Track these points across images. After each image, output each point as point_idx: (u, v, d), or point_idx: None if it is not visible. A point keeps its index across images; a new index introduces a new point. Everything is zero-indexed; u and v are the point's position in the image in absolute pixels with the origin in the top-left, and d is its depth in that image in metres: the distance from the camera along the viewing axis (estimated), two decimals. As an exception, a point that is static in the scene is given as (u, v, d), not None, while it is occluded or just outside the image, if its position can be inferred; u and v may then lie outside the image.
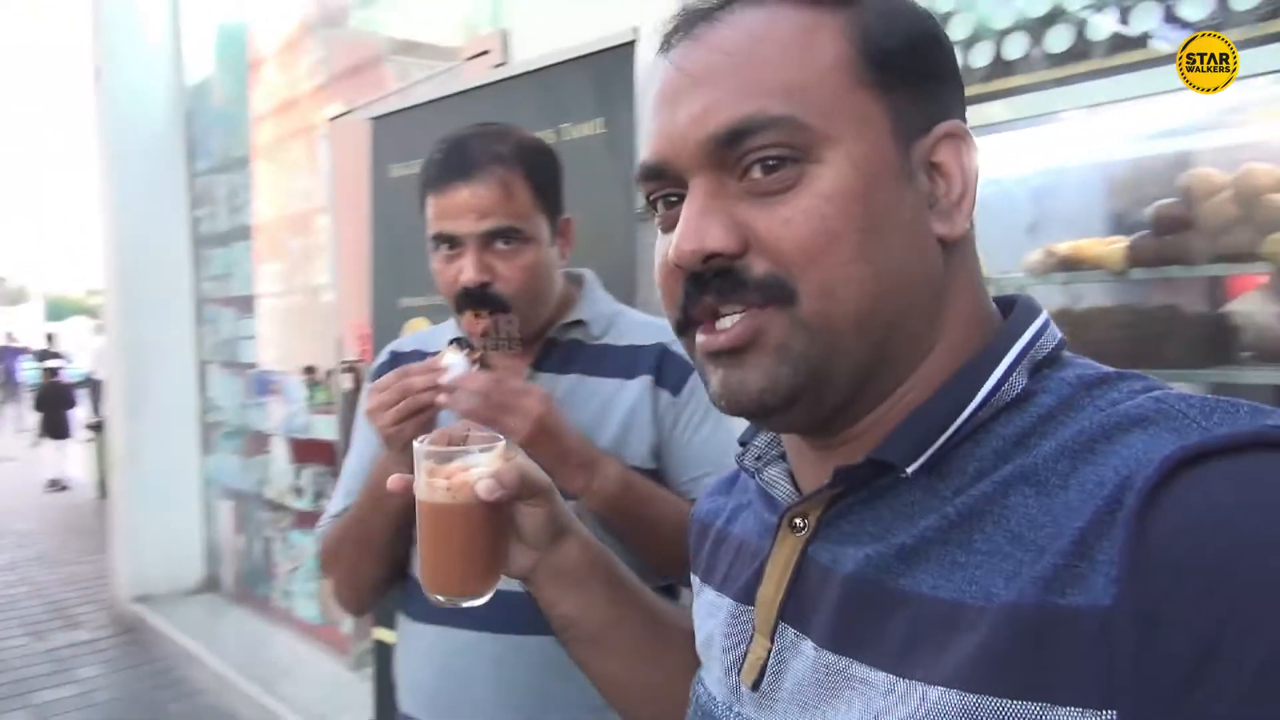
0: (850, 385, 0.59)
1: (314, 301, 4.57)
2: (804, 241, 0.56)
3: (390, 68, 4.25)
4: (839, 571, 0.59)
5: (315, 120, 4.33)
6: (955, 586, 0.53)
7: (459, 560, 0.82)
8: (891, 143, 0.58)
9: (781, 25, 0.59)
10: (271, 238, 4.97)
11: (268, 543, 5.00)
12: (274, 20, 4.88)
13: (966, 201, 0.60)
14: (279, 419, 4.78)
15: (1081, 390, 0.56)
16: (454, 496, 0.79)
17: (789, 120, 0.56)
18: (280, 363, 4.87)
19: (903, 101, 0.59)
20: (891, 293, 0.58)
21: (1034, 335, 0.60)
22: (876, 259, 0.57)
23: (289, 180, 4.76)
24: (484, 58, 2.89)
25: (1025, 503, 0.52)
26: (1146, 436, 0.50)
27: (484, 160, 1.36)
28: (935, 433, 0.57)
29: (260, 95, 5.01)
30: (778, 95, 0.57)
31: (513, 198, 1.35)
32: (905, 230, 0.58)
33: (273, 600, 4.96)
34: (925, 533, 0.55)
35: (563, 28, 2.45)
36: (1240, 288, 2.34)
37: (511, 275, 1.35)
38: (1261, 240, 1.92)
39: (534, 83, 2.38)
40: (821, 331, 0.57)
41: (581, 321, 1.44)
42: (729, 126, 0.57)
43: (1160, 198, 2.16)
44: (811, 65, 0.58)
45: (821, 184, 0.56)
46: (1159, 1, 1.97)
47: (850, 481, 0.60)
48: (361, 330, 3.67)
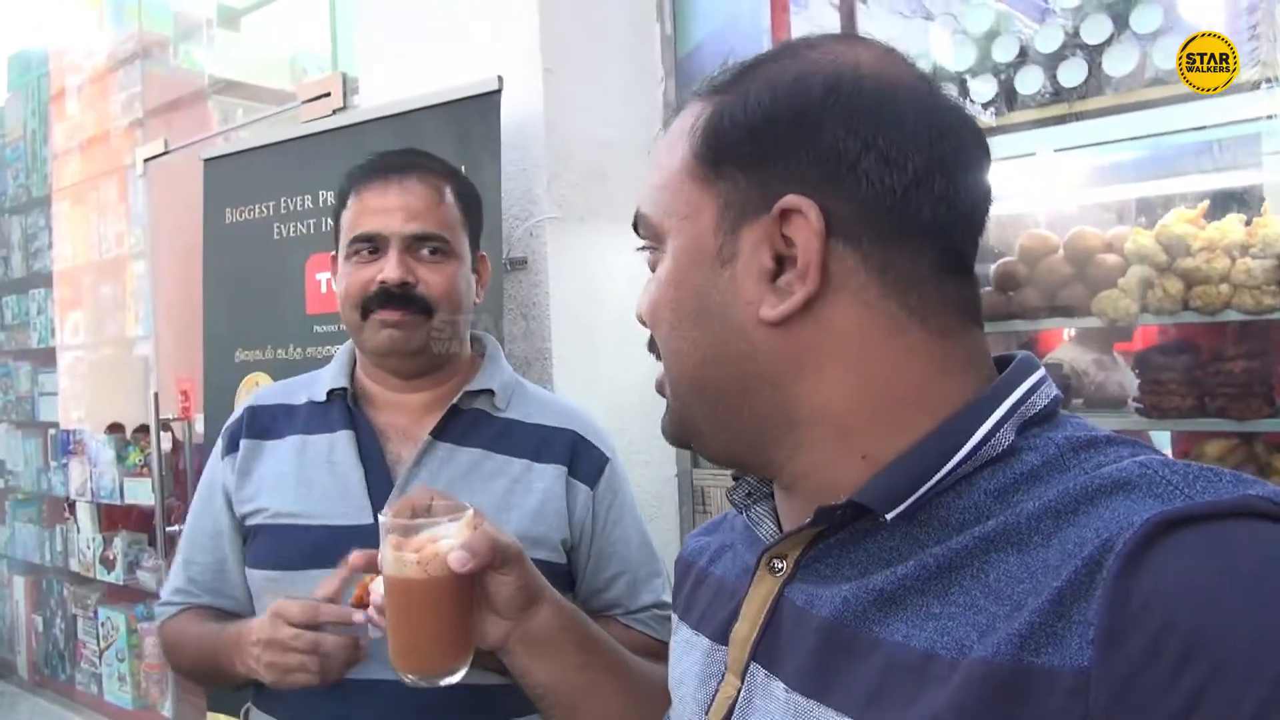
0: (721, 442, 0.67)
1: (126, 355, 4.22)
2: (645, 313, 0.69)
3: (213, 107, 4.03)
4: (815, 613, 0.60)
5: (128, 159, 4.03)
6: (927, 637, 0.53)
7: (433, 636, 0.80)
8: (712, 229, 0.64)
9: (675, 128, 0.67)
10: (76, 285, 4.57)
11: (71, 621, 4.53)
12: (81, 50, 4.53)
13: (810, 275, 0.59)
14: (83, 483, 4.36)
15: (1069, 451, 0.57)
16: (425, 570, 0.78)
17: (642, 217, 0.69)
18: (86, 421, 4.46)
19: (733, 187, 0.63)
20: (714, 364, 0.64)
21: (1025, 392, 0.60)
22: (688, 336, 0.65)
23: (98, 223, 4.40)
24: (324, 100, 2.80)
25: (1005, 560, 0.52)
26: (1129, 501, 0.50)
27: (417, 165, 1.33)
28: (917, 481, 0.57)
29: (63, 130, 4.62)
30: (647, 195, 0.69)
31: (443, 206, 1.32)
32: (716, 312, 0.64)
33: (77, 684, 4.50)
34: (903, 580, 0.56)
35: (418, 74, 2.39)
36: (1047, 342, 2.53)
37: (435, 281, 1.29)
38: (1092, 297, 2.07)
39: (387, 129, 2.30)
40: (673, 389, 0.68)
41: (489, 390, 1.37)
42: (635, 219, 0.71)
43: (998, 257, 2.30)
44: (668, 168, 0.67)
45: (660, 268, 0.67)
46: (952, 83, 2.12)
47: (829, 523, 0.61)
48: (185, 385, 3.43)
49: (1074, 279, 2.11)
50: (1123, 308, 1.98)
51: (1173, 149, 2.16)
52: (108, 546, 4.24)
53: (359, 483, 1.29)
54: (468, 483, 1.28)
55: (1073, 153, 2.12)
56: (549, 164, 2.18)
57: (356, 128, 2.39)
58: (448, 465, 1.30)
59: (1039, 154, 2.14)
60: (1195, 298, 1.91)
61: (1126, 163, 2.26)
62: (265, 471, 1.36)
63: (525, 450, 1.34)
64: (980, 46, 2.13)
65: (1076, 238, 2.13)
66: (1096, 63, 1.97)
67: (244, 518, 1.35)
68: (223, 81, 4.06)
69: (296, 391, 1.41)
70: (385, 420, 1.35)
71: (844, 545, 0.61)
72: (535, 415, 1.38)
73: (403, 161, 1.33)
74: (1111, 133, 2.01)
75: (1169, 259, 1.95)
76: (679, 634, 0.79)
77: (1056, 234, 2.19)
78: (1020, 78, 2.07)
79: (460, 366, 1.38)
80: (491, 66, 2.19)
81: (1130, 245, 2.00)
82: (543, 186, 2.18)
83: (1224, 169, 2.16)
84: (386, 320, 1.28)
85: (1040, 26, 2.07)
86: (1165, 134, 2.02)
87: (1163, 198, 2.27)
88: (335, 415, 1.35)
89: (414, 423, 1.34)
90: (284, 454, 1.36)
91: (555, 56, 2.20)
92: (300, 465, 1.34)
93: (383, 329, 1.29)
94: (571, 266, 2.20)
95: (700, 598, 0.77)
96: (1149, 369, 2.00)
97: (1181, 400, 1.92)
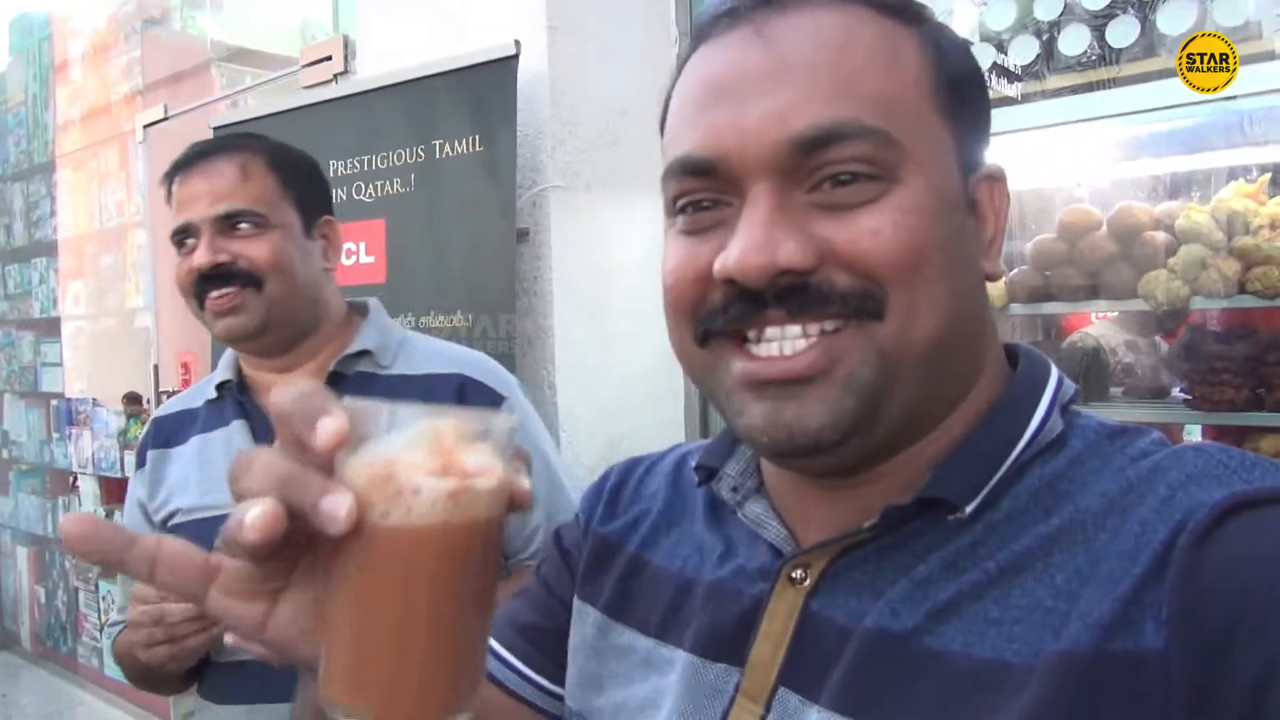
0: (901, 421, 0.56)
1: (127, 325, 4.15)
2: (895, 253, 0.53)
3: (217, 73, 3.91)
4: (854, 627, 0.55)
5: (129, 126, 3.93)
6: (991, 644, 0.50)
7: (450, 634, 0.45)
8: (958, 172, 0.57)
9: (868, 27, 0.55)
10: (79, 254, 4.50)
11: (73, 594, 4.51)
12: (82, 14, 4.42)
13: (997, 245, 0.60)
14: (88, 454, 4.30)
15: (1106, 439, 0.57)
16: (456, 506, 0.43)
17: (882, 135, 0.53)
18: (89, 392, 4.40)
19: (965, 133, 0.58)
20: (958, 321, 0.56)
21: (1059, 379, 0.60)
22: (955, 283, 0.55)
23: (99, 191, 4.31)
24: (324, 64, 2.69)
25: (1074, 558, 0.51)
26: (1194, 486, 0.50)
27: (221, 147, 1.32)
28: (988, 471, 0.55)
29: (66, 95, 4.53)
30: (869, 104, 0.53)
31: (250, 180, 1.30)
32: (968, 261, 0.57)
33: (79, 658, 4.49)
34: (961, 586, 0.53)
35: (421, 37, 2.27)
36: (1074, 325, 2.38)
37: (255, 254, 1.28)
38: (1139, 278, 1.92)
39: (396, 96, 2.23)
40: (891, 357, 0.54)
41: (367, 351, 1.37)
42: (816, 130, 0.52)
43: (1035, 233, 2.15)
44: (900, 78, 0.55)
45: (905, 198, 0.53)
46: (992, 44, 1.97)
47: (894, 523, 0.56)
48: (186, 358, 3.36)
49: (1119, 258, 1.95)
50: (1173, 290, 1.82)
51: (1233, 116, 1.99)
52: (109, 519, 4.19)
53: None
54: None
55: (1120, 120, 1.96)
56: (554, 130, 2.04)
57: (366, 95, 2.32)
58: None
59: (1083, 121, 1.98)
60: (1254, 280, 1.75)
61: (1180, 131, 2.09)
62: (172, 477, 1.39)
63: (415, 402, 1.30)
64: (1020, 3, 1.96)
65: (1122, 213, 1.97)
66: (1150, 21, 1.81)
67: (162, 525, 1.37)
68: (227, 48, 3.95)
69: (195, 395, 1.44)
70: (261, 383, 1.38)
71: (885, 549, 0.57)
72: (423, 367, 1.37)
73: (207, 146, 1.34)
74: (1164, 98, 1.84)
75: (1225, 237, 1.79)
76: (610, 637, 0.68)
77: (1100, 209, 2.03)
78: (1064, 37, 1.90)
79: (333, 333, 1.39)
80: (496, 24, 2.05)
81: (1182, 222, 1.85)
82: (547, 154, 2.05)
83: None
84: (217, 308, 1.28)
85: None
86: (1225, 99, 1.85)
87: (1217, 170, 2.10)
88: (228, 409, 1.38)
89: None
90: (187, 456, 1.39)
91: (563, 14, 2.06)
92: (201, 463, 1.36)
93: (218, 318, 1.30)
94: (577, 239, 2.07)
95: (642, 594, 0.68)
96: (1200, 357, 1.84)
97: (1236, 392, 1.77)
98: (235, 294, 1.27)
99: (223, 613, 0.48)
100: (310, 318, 1.34)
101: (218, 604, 0.48)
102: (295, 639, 0.48)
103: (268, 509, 0.43)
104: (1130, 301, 1.95)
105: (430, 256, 2.18)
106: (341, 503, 0.42)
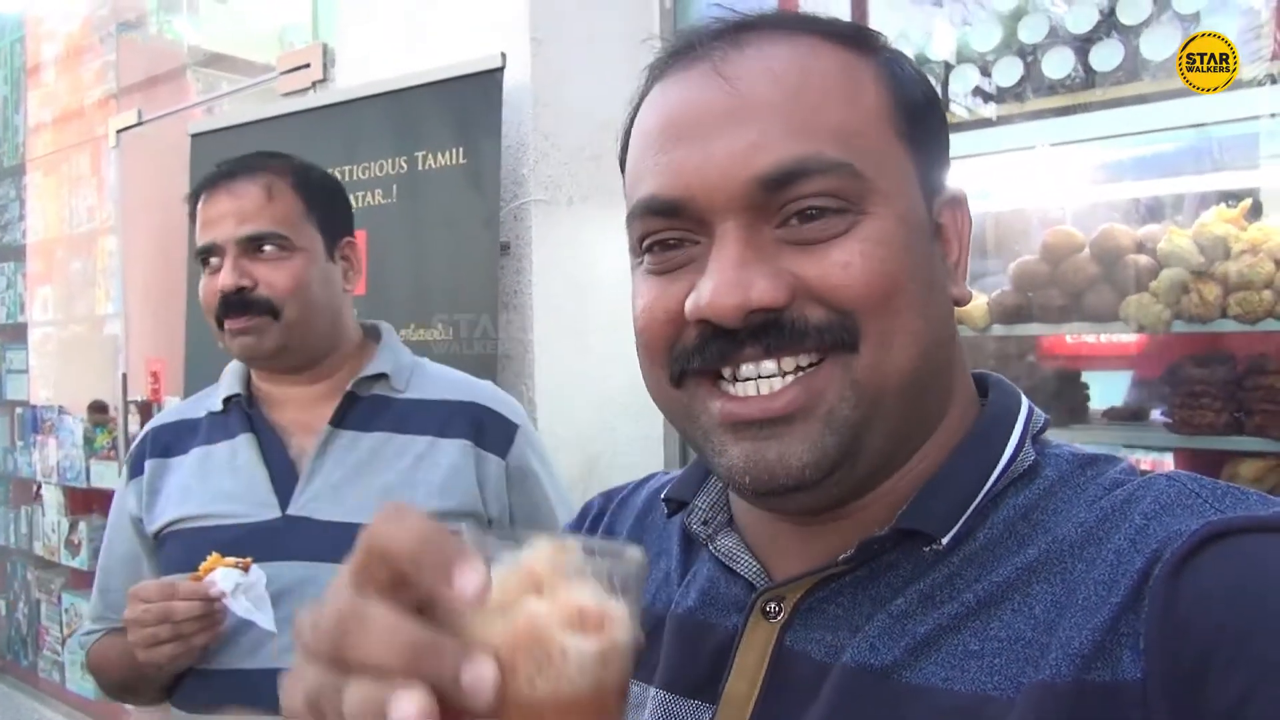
0: (881, 454, 0.56)
1: (96, 332, 4.08)
2: (866, 285, 0.53)
3: (193, 79, 3.86)
4: (832, 663, 0.54)
5: (102, 130, 3.87)
6: (972, 678, 0.50)
7: None
8: (922, 199, 0.57)
9: (826, 58, 0.55)
10: (48, 259, 4.42)
11: (35, 605, 4.41)
12: (56, 16, 4.36)
13: (962, 268, 0.60)
14: (52, 464, 4.22)
15: (1078, 468, 0.57)
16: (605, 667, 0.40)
17: (846, 168, 0.53)
18: (55, 400, 4.32)
19: (926, 159, 0.58)
20: (932, 348, 0.56)
21: (1029, 409, 0.60)
22: (927, 310, 0.55)
23: (70, 196, 4.24)
24: (303, 72, 2.66)
25: (1051, 589, 0.51)
26: (1167, 515, 0.50)
27: (247, 168, 1.32)
28: (963, 502, 0.55)
29: (38, 98, 4.46)
30: (831, 140, 0.53)
31: (276, 202, 1.31)
32: (937, 287, 0.57)
33: (39, 671, 4.39)
34: (940, 619, 0.52)
35: (403, 46, 2.24)
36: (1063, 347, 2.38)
37: (276, 280, 1.29)
38: (1120, 300, 1.92)
39: (380, 106, 2.21)
40: (869, 391, 0.54)
41: (384, 375, 1.38)
42: (781, 168, 0.52)
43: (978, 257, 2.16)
44: (860, 109, 0.55)
45: (873, 229, 0.53)
46: (975, 65, 1.97)
47: (870, 555, 0.55)
48: (155, 366, 3.30)
49: (1101, 280, 1.95)
50: (1154, 313, 1.83)
51: (1214, 141, 2.00)
52: (73, 531, 4.13)
53: (264, 480, 1.33)
54: (372, 466, 1.31)
55: (1103, 142, 1.97)
56: (536, 142, 2.02)
57: (347, 105, 2.31)
58: (351, 452, 1.32)
59: (1066, 143, 1.99)
60: (1235, 304, 1.76)
61: (1163, 155, 2.10)
62: (172, 486, 1.38)
63: (429, 428, 1.36)
64: (1006, 26, 1.97)
65: (1105, 236, 1.98)
66: (1133, 45, 1.81)
67: (155, 534, 1.37)
68: (204, 53, 3.90)
69: (196, 406, 1.45)
70: (285, 417, 1.38)
71: (861, 582, 0.56)
72: (437, 393, 1.39)
73: (234, 166, 1.34)
74: (1147, 122, 1.86)
75: (1207, 261, 1.80)
76: None
77: (1082, 231, 2.04)
78: (1048, 60, 1.91)
79: (350, 354, 1.40)
80: (478, 34, 2.03)
81: (1164, 245, 1.85)
82: (529, 167, 2.03)
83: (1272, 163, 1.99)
84: (235, 329, 1.30)
85: (1071, 4, 1.91)
86: (1208, 124, 1.86)
87: (1190, 195, 2.11)
88: (234, 421, 1.38)
89: (313, 415, 1.35)
90: (189, 466, 1.38)
91: (546, 25, 2.05)
92: (204, 474, 1.36)
93: (235, 338, 1.31)
94: (558, 253, 2.05)
95: None
96: (1181, 381, 1.84)
97: (1216, 416, 1.77)
98: (252, 322, 1.29)
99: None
100: (328, 339, 1.37)
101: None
102: None
103: (423, 706, 0.35)
104: (1111, 325, 1.95)
105: (412, 268, 2.15)
106: (486, 674, 0.36)
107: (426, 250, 2.13)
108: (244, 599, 1.19)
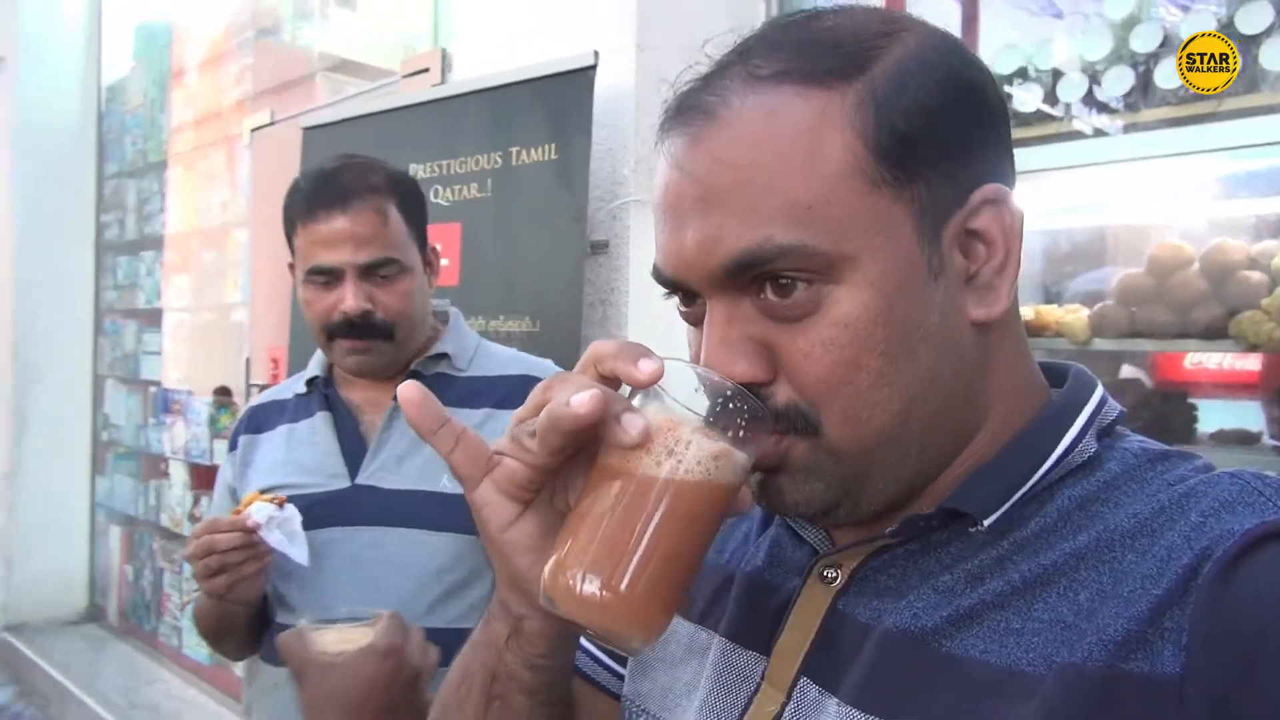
0: (894, 487, 0.58)
1: (224, 319, 4.31)
2: (822, 375, 0.54)
3: (322, 84, 4.06)
4: (878, 627, 0.57)
5: (237, 130, 4.11)
6: (1008, 654, 0.51)
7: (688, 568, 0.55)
8: (915, 241, 0.55)
9: (784, 124, 0.53)
10: (183, 249, 4.70)
11: (159, 574, 4.68)
12: (201, 23, 4.63)
13: (1009, 269, 0.58)
14: (180, 442, 4.48)
15: (1146, 464, 0.57)
16: (717, 467, 0.53)
17: (797, 249, 0.53)
18: (184, 382, 4.58)
19: (927, 187, 0.55)
20: (921, 400, 0.56)
21: (1099, 402, 0.60)
22: (901, 377, 0.55)
23: (206, 191, 4.51)
24: (422, 76, 2.78)
25: (1099, 577, 0.51)
26: (1226, 513, 0.50)
27: (359, 190, 1.36)
28: (1011, 488, 0.56)
29: (181, 99, 4.74)
30: (783, 220, 0.53)
31: (389, 226, 1.37)
32: (933, 335, 0.56)
33: (160, 636, 4.65)
34: (984, 595, 0.54)
35: (511, 48, 2.33)
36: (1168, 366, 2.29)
37: (391, 303, 1.37)
38: (1230, 318, 1.86)
39: (480, 103, 2.28)
40: (850, 453, 0.56)
41: (446, 354, 1.46)
42: (734, 260, 0.54)
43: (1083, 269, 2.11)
44: (819, 176, 0.53)
45: (839, 310, 0.54)
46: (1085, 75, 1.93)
47: (914, 533, 0.58)
48: (275, 353, 3.48)
49: (1209, 296, 1.89)
50: (1265, 331, 1.76)
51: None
52: (196, 505, 4.36)
53: (336, 453, 1.44)
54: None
55: (1215, 156, 1.90)
56: (636, 146, 2.07)
57: (450, 100, 2.38)
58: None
59: (1177, 156, 1.93)
60: (1352, 325, 1.68)
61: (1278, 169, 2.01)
62: (260, 459, 1.51)
63: (487, 401, 1.42)
64: (1117, 35, 1.92)
65: (1215, 251, 1.91)
66: (1251, 55, 1.75)
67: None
68: (333, 58, 4.09)
69: (286, 389, 1.57)
70: (358, 396, 1.48)
71: (913, 556, 0.59)
72: (498, 369, 1.47)
73: (344, 187, 1.36)
74: (1264, 135, 1.79)
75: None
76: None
77: (1192, 245, 1.97)
78: (1160, 70, 1.86)
79: (421, 339, 1.47)
80: (585, 41, 2.09)
81: (1278, 262, 1.78)
82: (629, 168, 2.08)
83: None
84: (352, 349, 1.38)
85: (1186, 13, 1.86)
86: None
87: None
88: (314, 401, 1.50)
89: (382, 394, 1.45)
90: (275, 442, 1.51)
91: (651, 33, 2.10)
92: (287, 449, 1.48)
93: (349, 355, 1.40)
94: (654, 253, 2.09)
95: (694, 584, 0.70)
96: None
97: (1329, 440, 1.69)
98: (371, 344, 1.38)
99: (485, 503, 0.58)
100: (419, 340, 1.46)
101: (485, 493, 0.58)
102: (520, 549, 0.58)
103: (595, 393, 0.52)
104: (1220, 342, 1.88)
105: (502, 261, 2.22)
106: (638, 423, 0.52)
107: (517, 243, 2.19)
108: (277, 532, 1.30)
